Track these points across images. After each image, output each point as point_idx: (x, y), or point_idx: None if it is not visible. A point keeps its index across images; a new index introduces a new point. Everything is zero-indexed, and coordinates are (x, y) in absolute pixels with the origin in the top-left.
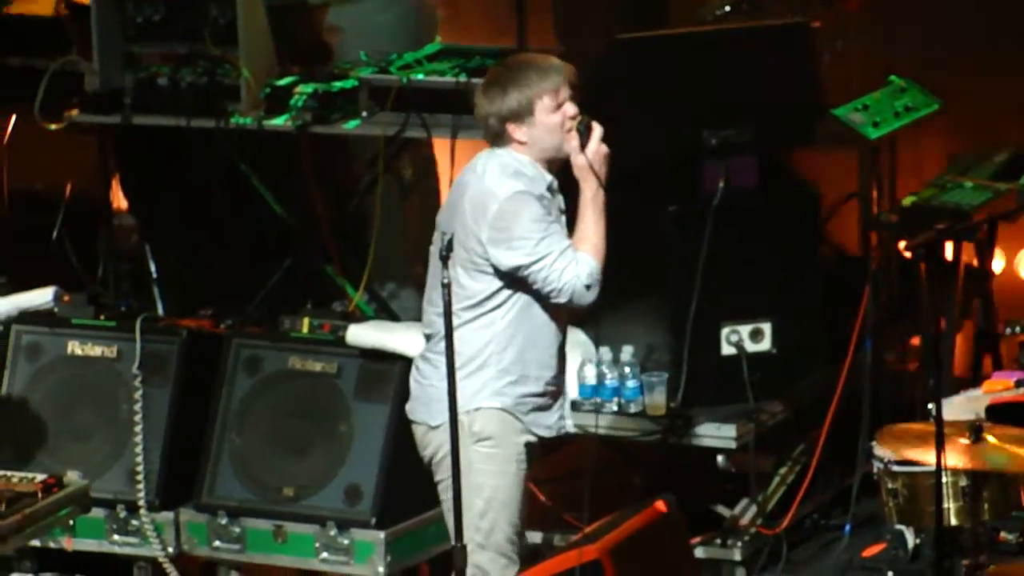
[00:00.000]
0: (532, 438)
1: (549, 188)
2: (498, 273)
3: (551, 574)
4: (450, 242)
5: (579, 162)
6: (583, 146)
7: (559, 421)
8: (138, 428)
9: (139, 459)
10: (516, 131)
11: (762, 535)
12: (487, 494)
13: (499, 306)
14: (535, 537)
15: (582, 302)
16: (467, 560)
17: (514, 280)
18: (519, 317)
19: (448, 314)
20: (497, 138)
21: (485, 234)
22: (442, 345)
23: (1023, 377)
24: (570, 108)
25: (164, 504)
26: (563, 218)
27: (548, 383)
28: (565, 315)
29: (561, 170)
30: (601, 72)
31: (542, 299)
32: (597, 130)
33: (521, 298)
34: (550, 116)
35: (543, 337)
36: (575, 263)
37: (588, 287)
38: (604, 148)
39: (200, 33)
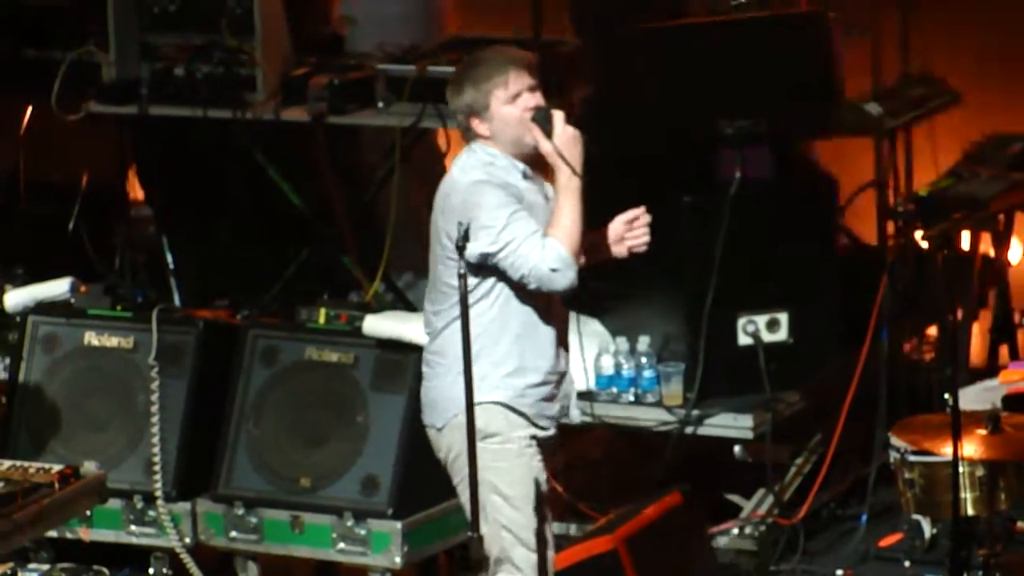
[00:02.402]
0: (536, 431)
1: (524, 175)
2: (471, 267)
3: (567, 564)
4: (466, 232)
5: (547, 149)
6: (548, 134)
7: (561, 411)
8: (155, 419)
9: (156, 450)
10: (479, 126)
11: (779, 525)
12: (505, 491)
13: (482, 299)
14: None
15: (553, 287)
16: (483, 550)
17: (490, 271)
18: (506, 308)
19: (464, 304)
20: (467, 132)
21: (452, 228)
22: (436, 344)
23: None
24: (529, 99)
25: (181, 495)
26: (548, 203)
27: (549, 372)
28: (558, 302)
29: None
30: (618, 61)
31: (524, 288)
32: (558, 116)
33: (504, 289)
34: (506, 108)
35: (535, 326)
36: (541, 248)
37: (554, 271)
38: (571, 131)
39: (217, 23)
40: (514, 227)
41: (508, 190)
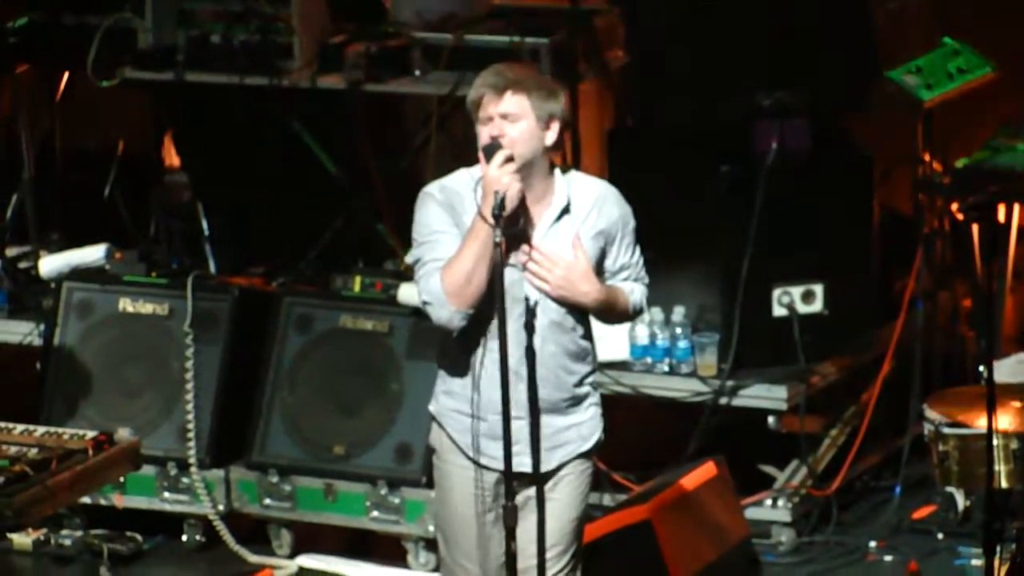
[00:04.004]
0: (478, 468)
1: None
2: None
3: (602, 534)
4: (502, 201)
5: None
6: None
7: (522, 457)
8: (189, 386)
9: (190, 417)
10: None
11: (812, 496)
12: (439, 511)
13: None
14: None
15: (431, 317)
16: (516, 519)
17: None
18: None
19: (500, 278)
20: None
21: None
22: None
23: None
24: (494, 127)
25: (215, 462)
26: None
27: (476, 406)
28: (494, 331)
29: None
30: (655, 32)
31: None
32: (499, 155)
33: None
34: (479, 127)
35: (465, 356)
36: (426, 277)
37: (425, 303)
38: (496, 175)
39: None
40: (425, 248)
41: (451, 212)
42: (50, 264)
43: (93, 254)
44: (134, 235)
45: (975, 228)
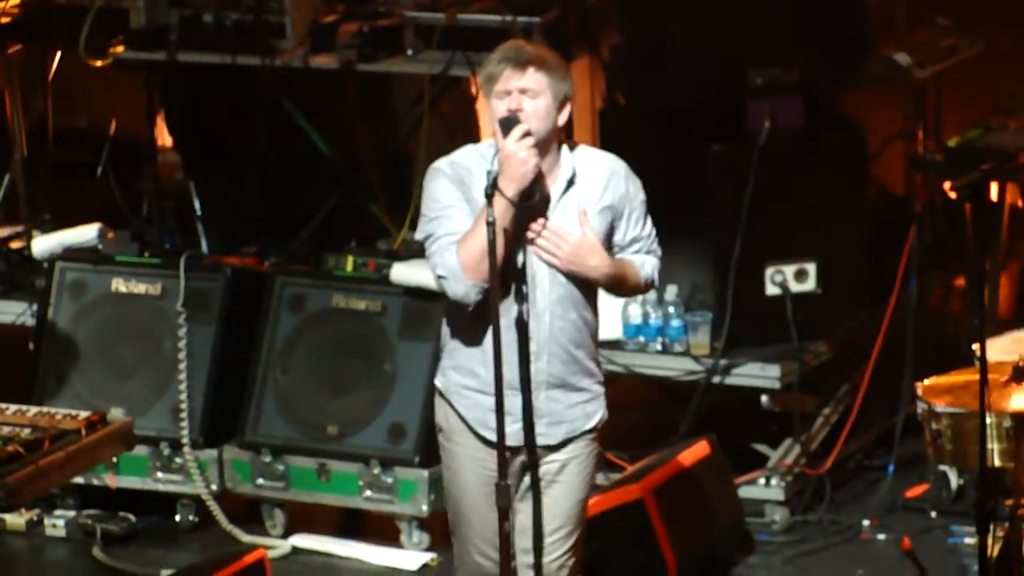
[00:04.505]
0: (487, 446)
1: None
2: None
3: (595, 513)
4: (494, 180)
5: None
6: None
7: (521, 432)
8: (182, 366)
9: (183, 397)
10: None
11: (805, 475)
12: (448, 491)
13: None
14: None
15: (445, 292)
16: (510, 498)
17: None
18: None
19: (493, 253)
20: None
21: None
22: None
23: None
24: (512, 101)
25: (208, 442)
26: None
27: (486, 381)
28: (505, 306)
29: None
30: (646, 10)
31: None
32: (517, 130)
33: None
34: (494, 101)
35: (471, 325)
36: (440, 252)
37: (440, 277)
38: (513, 149)
39: None
40: (436, 223)
41: (461, 187)
42: (43, 244)
43: (86, 234)
44: (127, 215)
45: (967, 206)
